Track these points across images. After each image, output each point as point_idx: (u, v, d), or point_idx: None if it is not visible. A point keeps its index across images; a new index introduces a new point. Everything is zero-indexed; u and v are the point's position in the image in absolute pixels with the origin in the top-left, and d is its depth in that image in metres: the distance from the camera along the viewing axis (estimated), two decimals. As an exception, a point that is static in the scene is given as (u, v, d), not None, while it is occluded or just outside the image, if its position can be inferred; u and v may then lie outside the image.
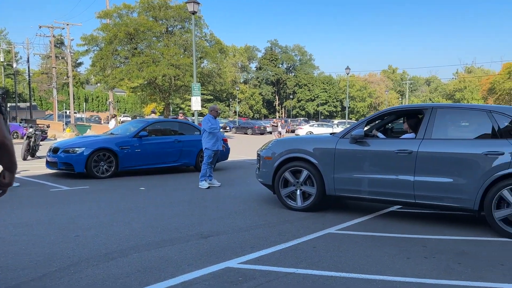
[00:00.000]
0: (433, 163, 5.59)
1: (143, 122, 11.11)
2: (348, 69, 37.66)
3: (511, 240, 5.05)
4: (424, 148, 5.63)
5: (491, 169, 5.20)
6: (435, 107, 5.93)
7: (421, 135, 5.77)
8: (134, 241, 4.75)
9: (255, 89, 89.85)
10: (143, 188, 8.56)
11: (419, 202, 5.71)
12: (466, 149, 5.44)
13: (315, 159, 6.33)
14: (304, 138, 7.05)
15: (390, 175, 5.82)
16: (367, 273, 3.88)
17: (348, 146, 6.16)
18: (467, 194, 5.35)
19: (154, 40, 28.36)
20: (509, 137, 5.29)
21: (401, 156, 5.74)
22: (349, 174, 6.12)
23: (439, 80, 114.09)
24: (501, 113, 5.49)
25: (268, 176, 6.81)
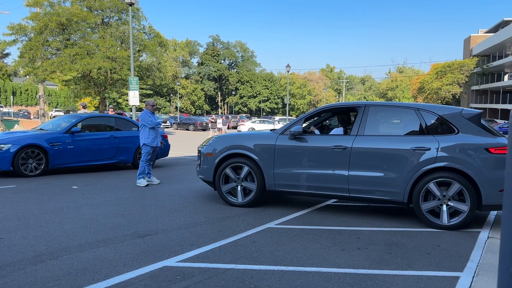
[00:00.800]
0: (366, 158, 5.85)
1: (76, 117, 10.54)
2: (289, 66, 38.34)
3: (437, 231, 5.43)
4: (357, 144, 5.89)
5: (418, 163, 5.54)
6: (367, 105, 6.20)
7: (355, 132, 6.03)
8: (65, 243, 4.51)
9: (197, 85, 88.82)
10: (76, 186, 8.13)
11: (353, 196, 5.96)
12: (396, 145, 5.73)
13: (256, 155, 6.40)
14: (245, 134, 7.10)
15: (327, 170, 6.03)
16: (304, 266, 3.98)
17: (287, 142, 6.30)
18: (397, 187, 5.66)
19: (88, 31, 26.92)
20: (435, 134, 5.66)
21: (337, 151, 5.97)
22: (288, 170, 6.25)
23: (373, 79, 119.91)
24: (428, 111, 5.85)
25: (209, 172, 6.77)
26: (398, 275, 3.82)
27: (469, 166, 5.36)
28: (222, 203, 6.73)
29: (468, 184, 5.37)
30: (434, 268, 4.02)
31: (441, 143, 5.52)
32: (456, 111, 5.78)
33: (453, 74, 53.75)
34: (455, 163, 5.40)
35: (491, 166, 5.33)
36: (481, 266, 4.01)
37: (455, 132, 5.59)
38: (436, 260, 4.26)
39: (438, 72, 56.46)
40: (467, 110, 5.82)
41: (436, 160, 5.47)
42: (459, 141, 5.49)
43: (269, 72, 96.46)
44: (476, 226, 5.72)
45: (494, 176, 5.30)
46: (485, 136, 5.49)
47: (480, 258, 4.29)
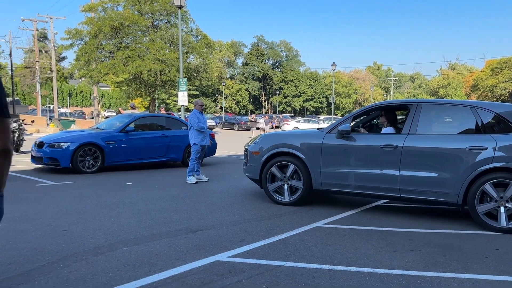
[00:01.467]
0: (418, 158, 5.67)
1: (129, 116, 11.01)
2: (334, 65, 37.86)
3: (494, 233, 5.19)
4: (409, 143, 5.72)
5: (474, 163, 5.31)
6: (420, 102, 6.03)
7: (407, 130, 5.86)
8: (122, 236, 4.73)
9: (242, 85, 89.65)
10: (130, 183, 8.50)
11: (404, 196, 5.80)
12: (450, 144, 5.54)
13: (302, 153, 6.39)
14: (292, 133, 7.11)
15: (376, 170, 5.90)
16: (355, 266, 3.94)
17: (334, 141, 6.23)
18: (451, 188, 5.46)
19: (139, 34, 27.98)
20: (492, 132, 5.42)
21: (387, 151, 5.83)
22: (335, 169, 6.19)
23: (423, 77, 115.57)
24: (484, 108, 5.60)
25: (255, 170, 6.85)
26: (454, 278, 3.69)
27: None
28: (269, 201, 6.79)
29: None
30: (493, 272, 3.85)
31: (498, 142, 5.26)
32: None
33: (509, 70, 50.83)
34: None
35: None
36: (545, 272, 3.79)
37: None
38: (494, 264, 4.08)
39: (493, 69, 53.70)
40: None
41: (494, 160, 5.22)
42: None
43: (313, 71, 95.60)
44: (539, 230, 5.39)
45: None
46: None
47: (544, 263, 4.06)
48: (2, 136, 1.97)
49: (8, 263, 3.79)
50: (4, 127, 1.98)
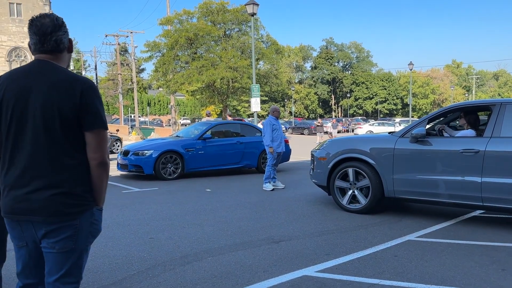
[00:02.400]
0: (503, 163, 5.17)
1: (206, 124, 11.25)
2: (412, 64, 36.08)
3: None
4: (492, 147, 5.22)
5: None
6: (504, 103, 5.48)
7: (489, 133, 5.35)
8: (206, 244, 4.73)
9: (310, 89, 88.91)
10: (209, 189, 8.62)
11: (488, 205, 5.30)
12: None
13: (372, 159, 6.09)
14: (360, 137, 6.84)
15: (455, 176, 5.46)
16: (460, 286, 3.54)
17: (408, 146, 5.85)
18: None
19: (212, 44, 28.85)
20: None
21: (467, 156, 5.36)
22: (409, 175, 5.81)
23: (509, 74, 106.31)
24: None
25: (322, 177, 6.65)
26: None
27: None
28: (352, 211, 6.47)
29: None
30: None
31: None
32: None
33: None
34: None
35: None
36: None
37: None
38: None
39: None
40: None
41: None
42: None
43: (386, 72, 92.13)
44: None
45: None
46: None
47: None
48: (101, 148, 1.97)
49: (101, 271, 3.92)
50: (102, 139, 1.98)
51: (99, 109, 1.98)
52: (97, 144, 1.96)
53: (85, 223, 1.99)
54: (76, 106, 1.89)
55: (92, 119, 1.94)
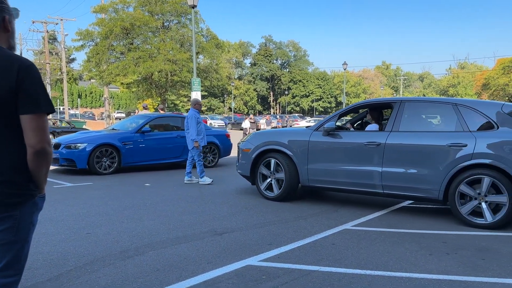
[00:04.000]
0: (400, 154, 5.74)
1: (145, 117, 10.93)
2: (345, 64, 37.61)
3: (530, 236, 4.99)
4: (391, 140, 5.81)
5: (454, 160, 5.34)
6: (403, 100, 6.11)
7: (389, 128, 5.94)
8: (148, 239, 4.62)
9: (250, 85, 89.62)
10: (148, 184, 8.41)
11: (387, 192, 5.90)
12: (431, 141, 5.56)
13: (290, 150, 6.58)
14: (280, 131, 7.28)
15: (360, 166, 6.02)
16: (392, 271, 3.78)
17: (321, 139, 6.40)
18: (432, 184, 5.50)
19: (150, 35, 27.98)
20: (473, 130, 5.38)
21: (370, 148, 5.93)
22: (321, 165, 6.35)
23: (432, 76, 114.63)
24: (466, 106, 5.62)
25: (246, 167, 7.08)
26: (498, 283, 3.52)
27: (508, 163, 5.04)
28: (294, 202, 6.67)
29: (508, 181, 5.06)
30: (539, 277, 3.67)
31: (478, 139, 5.26)
32: (495, 106, 5.54)
33: (523, 68, 50.14)
34: (491, 160, 5.14)
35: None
36: None
37: (495, 128, 5.31)
38: (539, 269, 3.89)
39: (505, 67, 52.98)
40: (508, 105, 5.50)
41: (473, 156, 5.23)
42: (498, 137, 5.21)
43: (322, 71, 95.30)
44: None
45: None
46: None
47: None
48: (39, 134, 1.83)
49: (35, 268, 3.69)
50: (41, 124, 1.83)
51: (37, 91, 1.81)
52: (35, 129, 1.80)
53: (27, 214, 1.86)
54: (12, 87, 1.75)
55: (29, 101, 1.77)
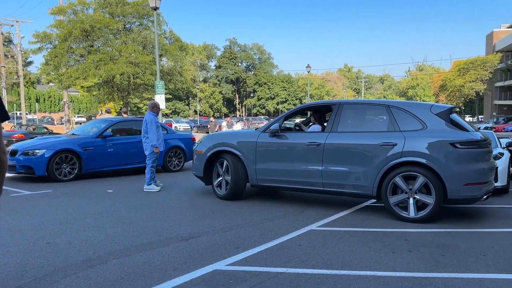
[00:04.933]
0: (337, 154, 6.10)
1: (107, 121, 10.63)
2: (309, 67, 38.16)
3: (486, 231, 5.23)
4: (330, 140, 6.18)
5: (385, 158, 5.69)
6: (341, 103, 6.48)
7: (329, 129, 6.32)
8: (111, 247, 4.49)
9: (215, 88, 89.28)
10: (110, 190, 8.18)
11: (327, 190, 6.23)
12: (365, 140, 5.91)
13: (239, 151, 6.87)
14: (231, 132, 7.57)
15: (303, 165, 6.34)
16: (358, 269, 3.86)
17: (267, 140, 6.70)
18: (366, 181, 5.86)
19: (111, 37, 27.30)
20: (404, 129, 5.73)
21: (311, 148, 6.26)
22: (268, 165, 6.65)
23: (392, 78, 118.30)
24: (397, 107, 5.96)
25: (200, 168, 7.36)
26: (458, 278, 3.66)
27: (434, 161, 5.41)
28: (260, 205, 6.69)
29: (433, 178, 5.42)
30: (494, 270, 3.85)
31: (407, 138, 5.61)
32: (424, 107, 5.87)
33: (476, 70, 52.62)
34: (420, 158, 5.47)
35: (456, 160, 5.37)
36: (545, 269, 3.81)
37: (423, 127, 5.66)
38: (493, 262, 4.08)
39: (460, 69, 55.38)
40: (437, 106, 5.88)
41: (402, 155, 5.58)
42: (425, 136, 5.55)
43: (286, 74, 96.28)
44: (528, 226, 5.49)
45: (460, 170, 5.35)
46: (452, 132, 5.53)
47: (542, 260, 4.09)
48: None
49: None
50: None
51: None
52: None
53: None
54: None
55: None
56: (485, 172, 5.47)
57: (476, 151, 5.42)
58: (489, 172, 5.59)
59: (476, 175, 5.37)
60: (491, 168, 5.66)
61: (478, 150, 5.43)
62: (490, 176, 5.65)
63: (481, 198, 5.49)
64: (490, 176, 5.62)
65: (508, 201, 7.19)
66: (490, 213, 6.25)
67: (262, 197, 7.43)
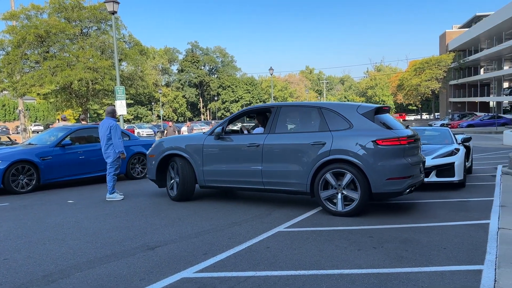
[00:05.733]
0: (275, 154, 6.44)
1: (65, 130, 10.26)
2: (272, 69, 38.43)
3: (446, 225, 5.44)
4: (268, 141, 6.53)
5: (316, 157, 6.04)
6: (279, 106, 6.85)
7: (268, 130, 6.68)
8: (73, 260, 4.33)
9: (178, 92, 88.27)
10: (71, 201, 7.90)
11: (268, 188, 6.59)
12: (298, 141, 6.28)
13: (187, 154, 7.19)
14: (181, 136, 7.83)
15: (245, 166, 6.68)
16: (325, 269, 3.91)
17: (213, 142, 7.03)
18: (300, 179, 6.19)
19: (67, 42, 26.40)
20: (333, 129, 6.11)
21: (252, 148, 6.61)
22: (214, 167, 6.97)
23: (352, 79, 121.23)
24: (328, 108, 6.32)
25: (152, 171, 7.71)
26: (421, 272, 3.78)
27: (358, 157, 5.76)
28: (226, 209, 6.66)
29: (358, 173, 5.76)
30: (454, 262, 4.00)
31: (335, 137, 5.99)
32: (351, 108, 6.24)
33: (431, 70, 54.71)
34: (346, 155, 5.83)
35: (378, 157, 5.69)
36: (500, 258, 4.00)
37: (349, 127, 6.02)
38: (454, 254, 4.24)
39: (416, 69, 57.41)
40: (363, 107, 6.24)
41: (330, 153, 5.94)
42: (351, 135, 5.92)
43: (250, 76, 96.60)
44: (484, 217, 5.75)
45: (382, 166, 5.68)
46: (375, 130, 5.88)
47: (497, 250, 4.29)
48: None
49: None
50: None
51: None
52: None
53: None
54: None
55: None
56: (407, 167, 5.80)
57: (398, 147, 5.76)
58: (412, 166, 5.92)
59: (398, 170, 5.71)
60: (415, 163, 6.00)
61: (400, 147, 5.77)
62: (413, 171, 5.96)
63: (404, 192, 5.83)
64: (412, 170, 5.94)
65: (466, 195, 7.51)
66: (449, 207, 6.51)
67: (229, 201, 7.40)
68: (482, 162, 12.95)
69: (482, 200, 6.98)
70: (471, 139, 9.74)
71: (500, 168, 10.68)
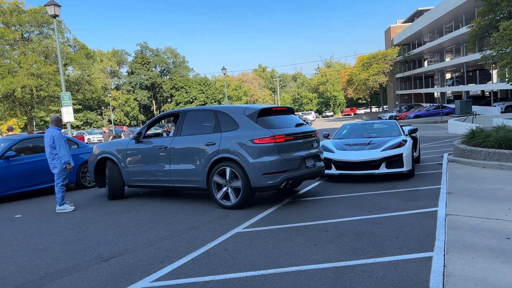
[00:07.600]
0: (178, 155, 7.10)
1: (8, 141, 9.71)
2: (224, 69, 38.30)
3: (397, 215, 5.66)
4: (173, 144, 7.21)
5: (208, 156, 6.69)
6: (185, 110, 7.52)
7: (175, 133, 7.38)
8: (22, 278, 4.11)
9: (129, 95, 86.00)
10: (19, 215, 7.48)
11: (176, 186, 7.25)
12: (195, 142, 6.92)
13: (115, 157, 8.00)
14: (114, 141, 8.52)
15: (157, 166, 7.41)
16: (283, 266, 3.95)
17: (133, 146, 7.79)
18: (198, 177, 6.83)
19: (7, 48, 25.06)
20: (224, 130, 6.68)
21: (161, 150, 7.34)
22: (134, 168, 7.73)
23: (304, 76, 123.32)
24: (221, 111, 6.94)
25: (91, 174, 8.61)
26: (375, 263, 3.91)
27: (238, 155, 6.34)
28: (185, 214, 6.57)
29: (240, 170, 6.36)
30: (406, 251, 4.17)
31: (222, 138, 6.61)
32: (239, 110, 6.78)
33: (378, 64, 56.69)
34: (229, 154, 6.44)
35: (255, 154, 6.27)
36: (448, 244, 4.22)
37: (236, 128, 6.60)
38: (405, 243, 4.42)
39: (364, 64, 59.26)
40: (249, 108, 6.77)
41: (218, 152, 6.57)
42: (235, 135, 6.51)
43: (203, 77, 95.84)
44: (432, 205, 6.03)
45: (258, 162, 6.24)
46: (255, 130, 6.42)
47: (445, 236, 4.52)
48: None
49: None
50: None
51: None
52: None
53: None
54: None
55: None
56: (282, 162, 6.29)
57: (272, 145, 6.26)
58: (288, 162, 6.36)
59: (272, 166, 6.23)
60: (292, 158, 6.44)
61: (275, 144, 6.26)
62: (289, 166, 6.39)
63: (280, 185, 6.28)
64: (288, 165, 6.38)
65: (415, 184, 7.85)
66: (400, 197, 6.78)
67: (187, 204, 7.30)
68: (429, 151, 13.60)
69: (430, 188, 7.33)
70: (417, 130, 10.19)
71: (446, 156, 11.26)
